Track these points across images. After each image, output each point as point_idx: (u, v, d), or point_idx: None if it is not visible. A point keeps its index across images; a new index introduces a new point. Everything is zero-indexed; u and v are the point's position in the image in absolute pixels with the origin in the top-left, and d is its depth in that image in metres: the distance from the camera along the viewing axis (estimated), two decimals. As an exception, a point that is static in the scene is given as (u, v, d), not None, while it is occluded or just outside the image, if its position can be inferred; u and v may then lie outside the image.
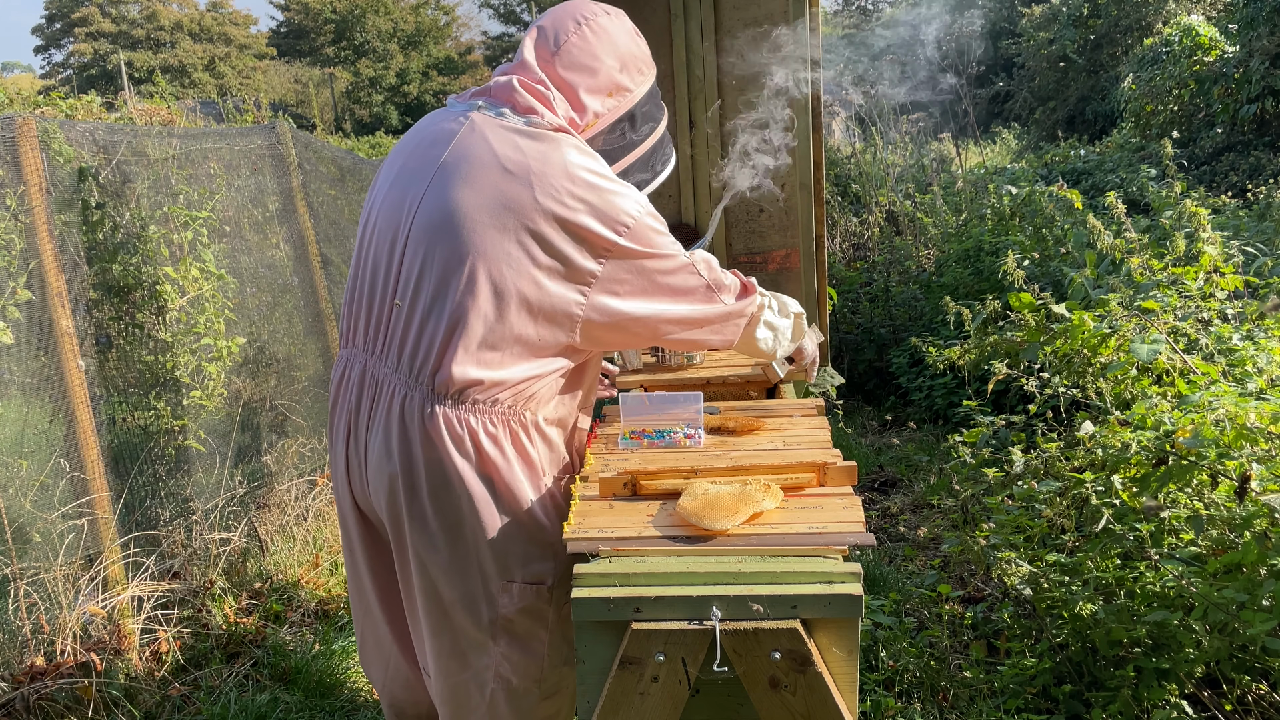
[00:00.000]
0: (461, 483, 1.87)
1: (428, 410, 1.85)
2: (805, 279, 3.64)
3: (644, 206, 1.92)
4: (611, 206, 1.86)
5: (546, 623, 1.97)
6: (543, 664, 1.99)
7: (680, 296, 1.97)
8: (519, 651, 1.97)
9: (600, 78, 1.99)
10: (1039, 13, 18.22)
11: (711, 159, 3.60)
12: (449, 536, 1.89)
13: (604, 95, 1.99)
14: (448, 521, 1.89)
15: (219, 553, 3.77)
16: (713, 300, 2.02)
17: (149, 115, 10.03)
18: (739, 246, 3.65)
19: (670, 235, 1.97)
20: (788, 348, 2.28)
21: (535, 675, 1.99)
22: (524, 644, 1.97)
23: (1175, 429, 2.51)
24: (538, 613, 1.96)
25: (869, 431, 5.75)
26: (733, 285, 2.06)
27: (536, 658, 1.99)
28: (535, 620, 1.97)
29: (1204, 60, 11.52)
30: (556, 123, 1.90)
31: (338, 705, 3.17)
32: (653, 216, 1.93)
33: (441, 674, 2.01)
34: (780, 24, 3.48)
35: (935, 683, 2.91)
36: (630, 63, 2.03)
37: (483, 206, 1.80)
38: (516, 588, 1.93)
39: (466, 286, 1.80)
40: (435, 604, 1.95)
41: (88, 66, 37.98)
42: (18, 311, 3.13)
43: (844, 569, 1.62)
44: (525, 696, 2.00)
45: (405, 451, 1.88)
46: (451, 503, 1.88)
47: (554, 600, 1.97)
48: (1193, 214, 3.35)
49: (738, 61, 3.55)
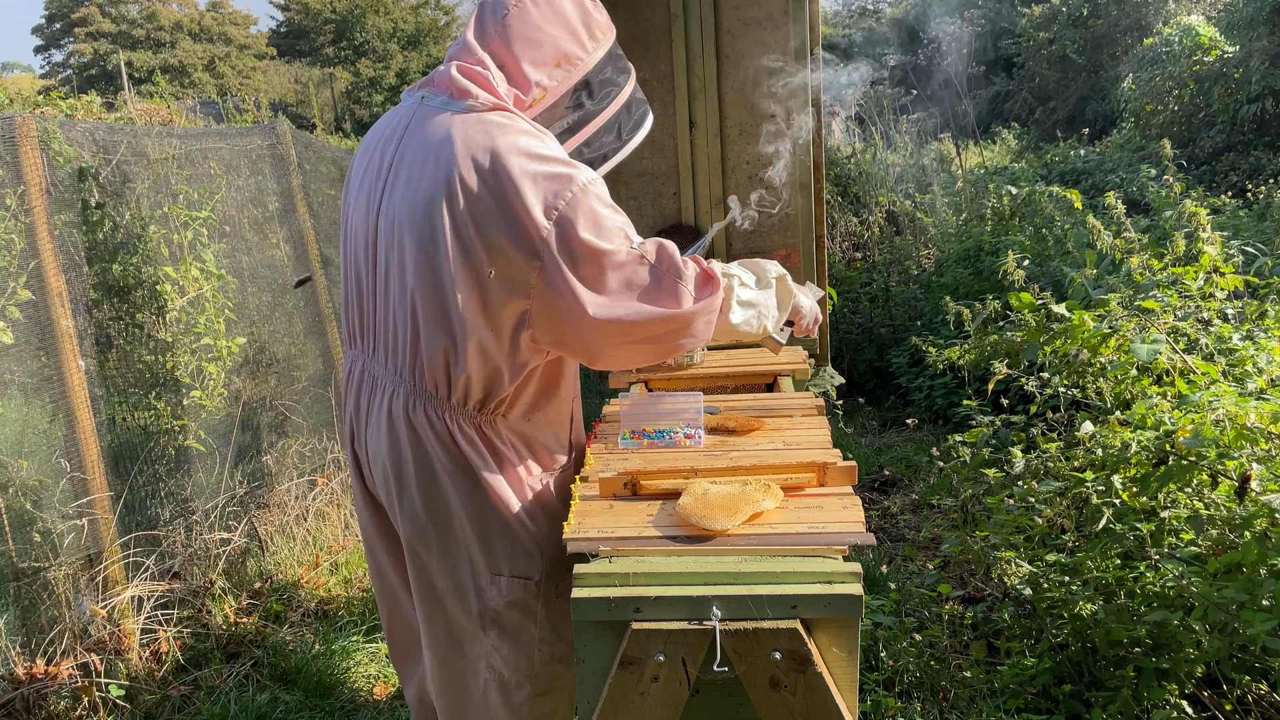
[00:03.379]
0: (446, 477, 1.90)
1: (412, 406, 1.89)
2: (805, 279, 3.63)
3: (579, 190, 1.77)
4: (545, 190, 1.75)
5: (536, 617, 1.98)
6: (533, 658, 2.00)
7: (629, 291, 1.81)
8: (509, 644, 1.99)
9: (545, 49, 1.89)
10: (1039, 13, 18.21)
11: (711, 159, 3.60)
12: (438, 529, 1.93)
13: (551, 67, 1.90)
14: (436, 514, 1.92)
15: (219, 553, 3.76)
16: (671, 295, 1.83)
17: (149, 115, 10.03)
18: (739, 246, 3.65)
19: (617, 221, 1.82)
20: (777, 318, 2.09)
21: (526, 669, 2.00)
22: (514, 637, 1.98)
23: (1175, 429, 2.51)
24: (526, 607, 1.98)
25: (869, 431, 5.75)
26: (693, 276, 1.87)
27: (527, 652, 2.00)
28: (524, 614, 1.98)
29: (1204, 60, 11.51)
30: (492, 102, 1.83)
31: (338, 705, 3.17)
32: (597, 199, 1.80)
33: (437, 664, 2.04)
34: (780, 23, 3.48)
35: (935, 683, 2.91)
36: (580, 29, 1.92)
37: (423, 203, 1.78)
38: (504, 581, 1.96)
39: (419, 285, 1.80)
40: (429, 593, 1.99)
41: (88, 66, 37.97)
42: (18, 311, 3.13)
43: (844, 569, 1.62)
44: (517, 690, 2.01)
45: (394, 446, 1.92)
46: (438, 496, 1.91)
47: (542, 596, 1.98)
48: (1192, 214, 3.35)
49: (738, 61, 3.55)
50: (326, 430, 4.66)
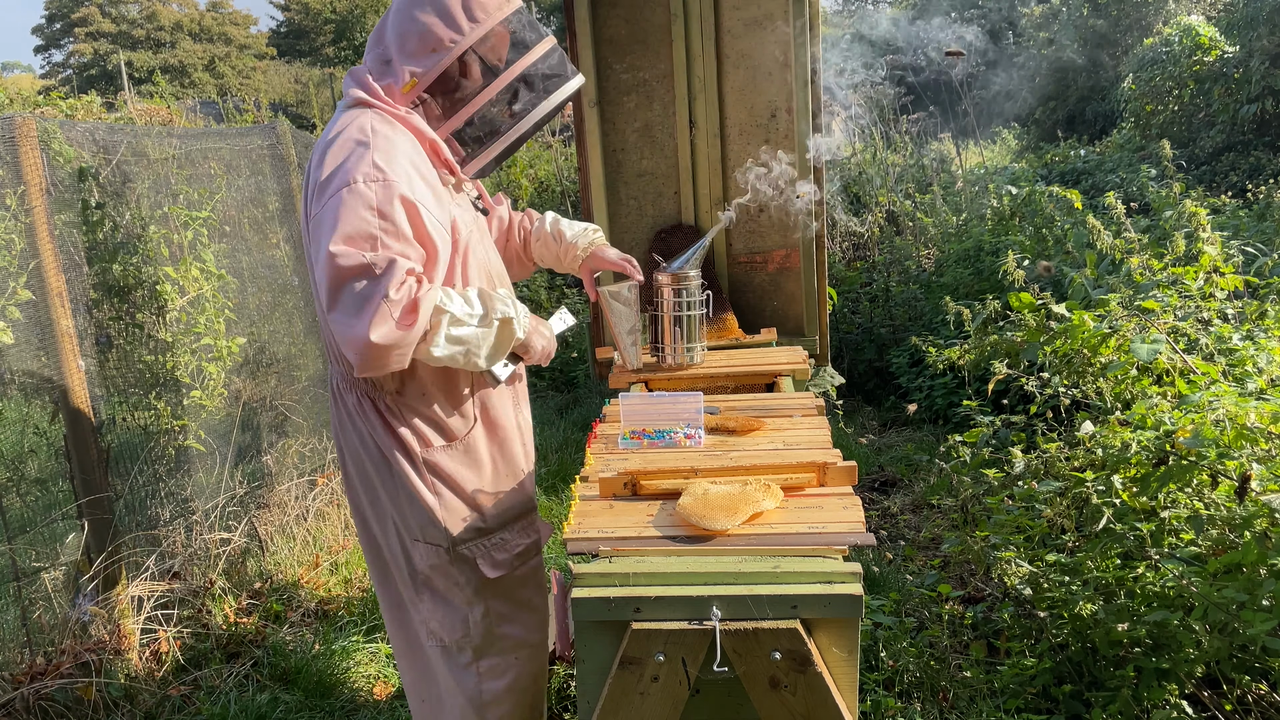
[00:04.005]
0: (363, 449, 2.13)
1: (338, 386, 2.17)
2: (805, 279, 3.64)
3: (347, 191, 1.86)
4: (323, 187, 1.90)
5: (459, 584, 2.13)
6: (468, 623, 2.14)
7: (344, 300, 1.86)
8: (441, 609, 2.15)
9: (415, 38, 2.01)
10: (1039, 13, 18.21)
11: (711, 159, 3.60)
12: (369, 497, 2.15)
13: (426, 53, 2.00)
14: (366, 483, 2.15)
15: (219, 553, 3.76)
16: (372, 316, 1.83)
17: (149, 115, 10.03)
18: (739, 246, 3.65)
19: (367, 227, 1.85)
20: (490, 356, 2.06)
21: (463, 634, 2.15)
22: (445, 602, 2.15)
23: (1175, 429, 2.50)
24: (446, 573, 2.13)
25: (869, 431, 5.74)
26: (401, 302, 1.86)
27: (459, 615, 2.15)
28: (447, 579, 2.14)
29: (1204, 60, 11.51)
30: (356, 98, 2.02)
31: (338, 705, 3.17)
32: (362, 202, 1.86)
33: (391, 631, 2.26)
34: (780, 23, 3.48)
35: (935, 683, 2.91)
36: (456, 12, 2.00)
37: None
38: (421, 546, 2.13)
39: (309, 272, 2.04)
40: (375, 559, 2.21)
41: (88, 66, 37.96)
42: (18, 311, 3.13)
43: (844, 569, 1.62)
44: (459, 655, 2.16)
45: (334, 422, 2.21)
46: (363, 466, 2.14)
47: (457, 563, 2.12)
48: (1192, 214, 3.35)
49: (738, 61, 3.55)
50: (326, 430, 4.66)
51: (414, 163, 1.99)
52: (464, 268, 2.13)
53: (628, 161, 3.66)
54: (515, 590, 2.21)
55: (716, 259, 3.66)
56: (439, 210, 2.01)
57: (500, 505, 2.18)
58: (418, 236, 1.93)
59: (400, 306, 1.85)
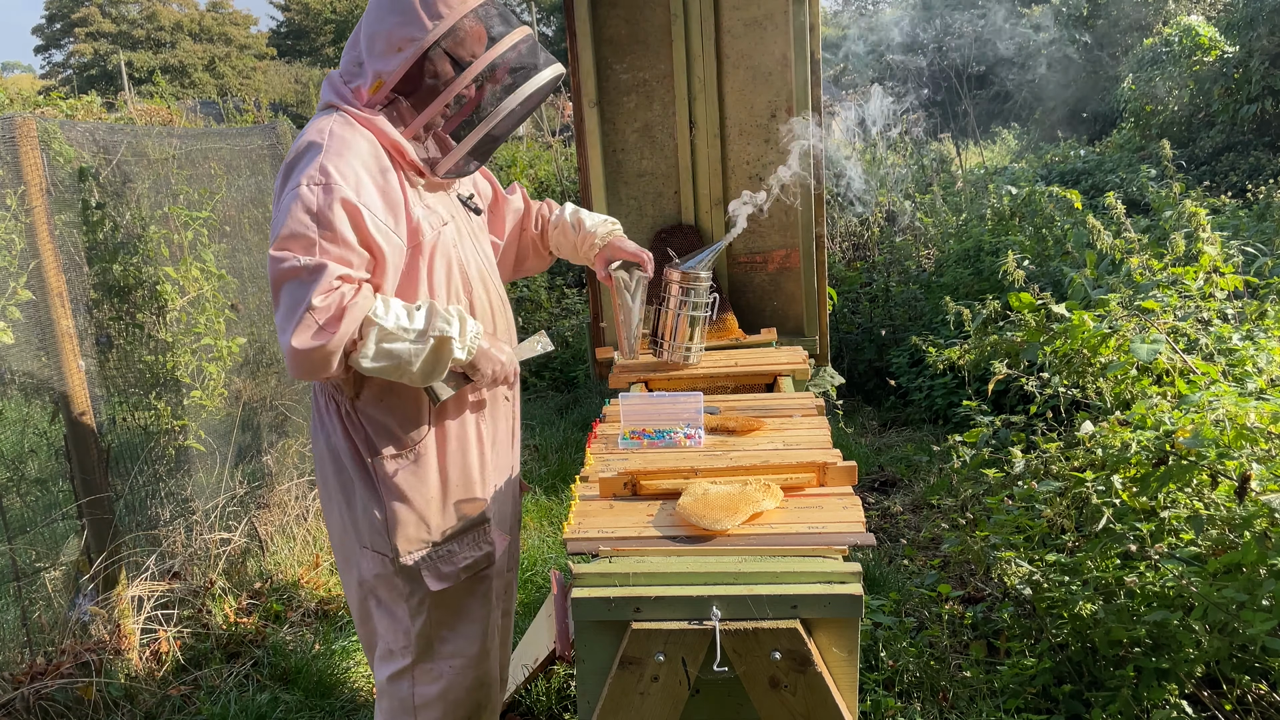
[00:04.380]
0: (327, 451, 2.14)
1: (314, 387, 2.19)
2: (805, 279, 3.64)
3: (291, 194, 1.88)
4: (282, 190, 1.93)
5: (403, 594, 2.13)
6: (409, 634, 2.15)
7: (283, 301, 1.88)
8: (385, 617, 2.17)
9: (382, 39, 2.00)
10: (1039, 13, 18.21)
11: (711, 159, 3.60)
12: (330, 499, 2.17)
13: (392, 53, 1.98)
14: (327, 485, 2.17)
15: (219, 553, 3.76)
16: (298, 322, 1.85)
17: (149, 115, 10.03)
18: (739, 246, 3.65)
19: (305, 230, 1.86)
20: (425, 374, 1.98)
21: (404, 642, 2.16)
22: (388, 611, 2.16)
23: (1175, 429, 2.50)
24: (390, 583, 2.14)
25: (869, 431, 5.74)
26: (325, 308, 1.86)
27: (400, 626, 2.16)
28: (392, 590, 2.14)
29: (1204, 60, 11.51)
30: (327, 101, 2.03)
31: (338, 705, 3.17)
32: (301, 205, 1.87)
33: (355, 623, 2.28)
34: (780, 23, 3.48)
35: (935, 683, 2.91)
36: (417, 10, 1.97)
37: None
38: (370, 554, 2.13)
39: None
40: (339, 557, 2.23)
41: (88, 67, 37.96)
42: (18, 311, 3.13)
43: (844, 569, 1.62)
44: (397, 660, 2.18)
45: (310, 422, 2.25)
46: (325, 468, 2.17)
47: (401, 574, 2.11)
48: (1192, 214, 3.35)
49: (738, 61, 3.55)
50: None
51: (368, 166, 1.96)
52: (430, 272, 2.08)
53: (628, 161, 3.66)
54: (460, 601, 2.18)
55: (716, 259, 3.66)
56: (389, 215, 1.97)
57: (450, 518, 2.15)
58: (361, 241, 1.90)
59: (325, 314, 1.84)
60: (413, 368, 1.95)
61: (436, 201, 2.15)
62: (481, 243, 2.30)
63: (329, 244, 1.86)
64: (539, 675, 3.01)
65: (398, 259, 1.99)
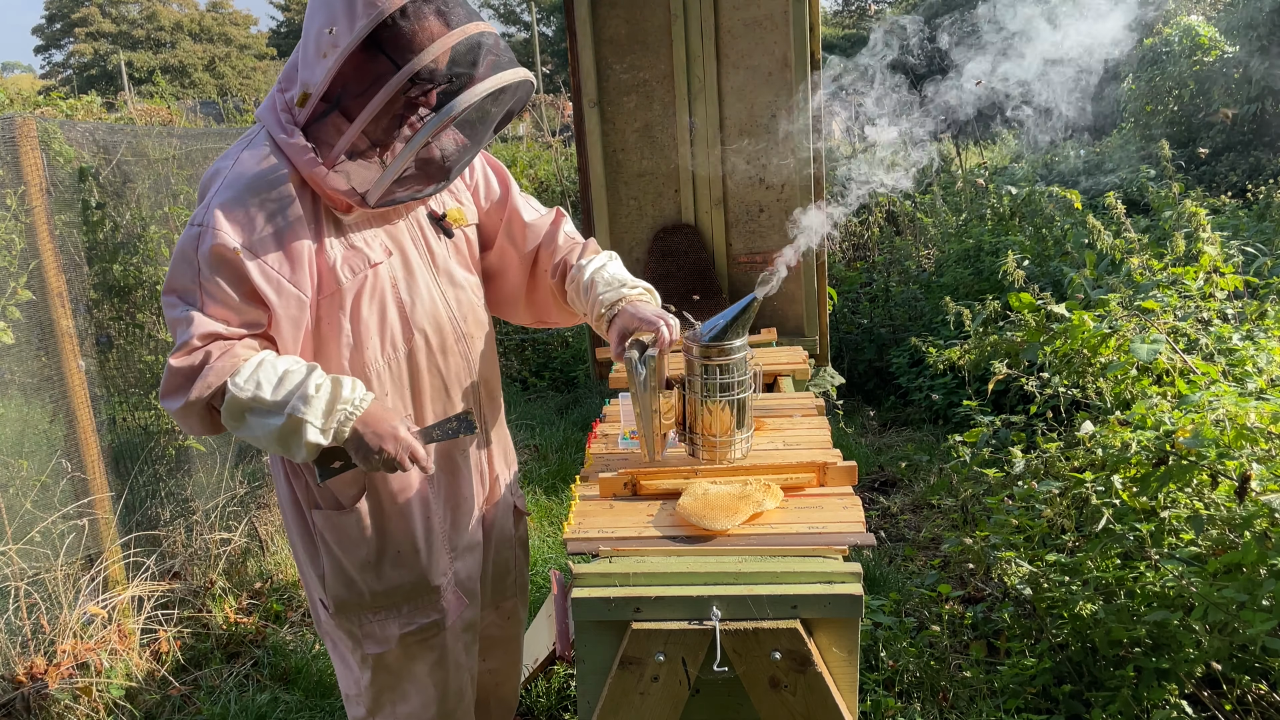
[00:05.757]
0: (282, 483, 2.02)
1: None
2: (805, 279, 3.64)
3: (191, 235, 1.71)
4: (194, 215, 1.79)
5: (348, 646, 2.05)
6: (359, 684, 2.07)
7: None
8: (340, 662, 2.10)
9: (312, 43, 1.68)
10: (1039, 13, 18.19)
11: (711, 159, 3.60)
12: (289, 529, 2.06)
13: (318, 59, 1.66)
14: (288, 529, 2.06)
15: (219, 553, 3.77)
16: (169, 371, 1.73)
17: (149, 115, 10.03)
18: (739, 246, 3.65)
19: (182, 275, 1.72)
20: (278, 450, 1.75)
21: (356, 690, 2.08)
22: (343, 657, 2.09)
23: (1175, 429, 2.50)
24: (333, 631, 2.06)
25: (869, 431, 5.74)
26: (180, 369, 1.71)
27: (352, 675, 2.08)
28: (334, 637, 2.07)
29: (1204, 60, 11.51)
30: (258, 114, 1.83)
31: (338, 705, 3.16)
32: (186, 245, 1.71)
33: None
34: (780, 24, 3.48)
35: (935, 683, 2.91)
36: (339, 9, 1.63)
37: None
38: (316, 601, 2.07)
39: None
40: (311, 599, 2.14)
41: (88, 67, 37.98)
42: (18, 311, 3.13)
43: (844, 569, 1.62)
44: (356, 707, 2.11)
45: None
46: (284, 515, 2.06)
47: (342, 628, 2.03)
48: (1192, 214, 3.35)
49: (738, 62, 3.55)
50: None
51: (267, 206, 1.71)
52: (355, 321, 1.83)
53: (628, 161, 3.66)
54: (406, 666, 2.03)
55: (716, 259, 3.66)
56: (285, 264, 1.73)
57: (386, 584, 1.96)
58: (247, 294, 1.71)
59: (180, 375, 1.70)
60: (264, 443, 1.75)
61: (375, 236, 1.86)
62: (447, 274, 1.98)
63: (208, 295, 1.70)
64: (539, 675, 3.02)
65: (295, 311, 1.75)
